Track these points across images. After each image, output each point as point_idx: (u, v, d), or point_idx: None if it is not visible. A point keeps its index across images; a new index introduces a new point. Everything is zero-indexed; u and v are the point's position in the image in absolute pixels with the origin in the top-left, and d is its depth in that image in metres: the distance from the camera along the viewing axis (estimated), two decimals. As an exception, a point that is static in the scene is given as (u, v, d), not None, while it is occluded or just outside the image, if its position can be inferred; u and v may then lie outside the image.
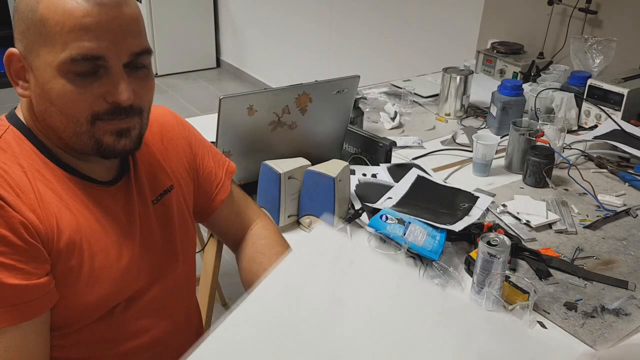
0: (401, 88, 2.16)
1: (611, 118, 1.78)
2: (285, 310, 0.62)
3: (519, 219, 1.37)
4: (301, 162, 1.30)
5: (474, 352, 0.60)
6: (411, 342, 0.60)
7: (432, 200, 1.38)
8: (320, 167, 1.27)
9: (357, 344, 0.60)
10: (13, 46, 0.83)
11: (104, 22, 0.77)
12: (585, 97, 1.87)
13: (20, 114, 0.87)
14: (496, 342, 0.61)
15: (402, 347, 0.60)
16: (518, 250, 1.22)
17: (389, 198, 1.37)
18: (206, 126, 1.34)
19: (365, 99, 2.03)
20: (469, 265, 1.18)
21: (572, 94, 1.87)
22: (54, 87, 0.79)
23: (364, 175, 1.47)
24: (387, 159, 1.52)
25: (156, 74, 4.72)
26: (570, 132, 1.84)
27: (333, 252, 0.66)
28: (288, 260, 0.65)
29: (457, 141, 1.79)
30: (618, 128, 1.73)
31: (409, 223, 1.22)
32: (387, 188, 1.41)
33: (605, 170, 1.62)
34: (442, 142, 1.79)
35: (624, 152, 1.63)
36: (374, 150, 1.52)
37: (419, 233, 1.21)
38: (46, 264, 0.80)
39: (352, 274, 0.64)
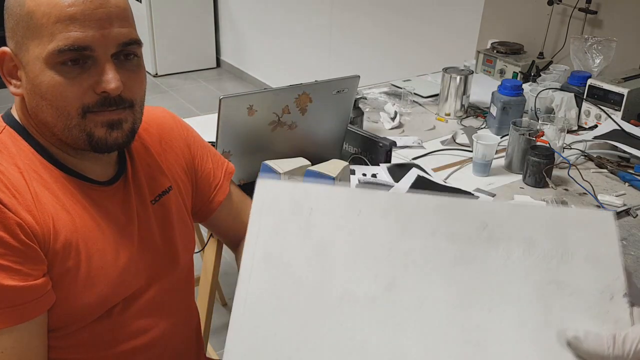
0: (401, 88, 2.16)
1: (611, 118, 1.78)
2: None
3: (519, 219, 1.36)
4: (301, 162, 1.30)
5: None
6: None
7: (432, 200, 1.38)
8: (320, 167, 1.27)
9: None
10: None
11: (90, 11, 0.77)
12: (585, 97, 1.87)
13: (15, 113, 0.87)
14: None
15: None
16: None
17: (389, 198, 1.37)
18: (206, 126, 1.34)
19: (365, 99, 2.03)
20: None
21: (572, 94, 1.87)
22: (44, 80, 0.79)
23: (364, 175, 1.47)
24: (387, 159, 1.52)
25: (156, 74, 4.73)
26: (570, 132, 1.84)
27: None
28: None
29: (457, 141, 1.79)
30: (618, 128, 1.73)
31: (409, 223, 1.22)
32: (387, 188, 1.41)
33: (605, 170, 1.62)
34: (442, 142, 1.79)
35: (624, 152, 1.63)
36: (374, 150, 1.52)
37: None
38: (43, 265, 0.80)
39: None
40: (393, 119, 1.89)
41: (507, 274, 0.59)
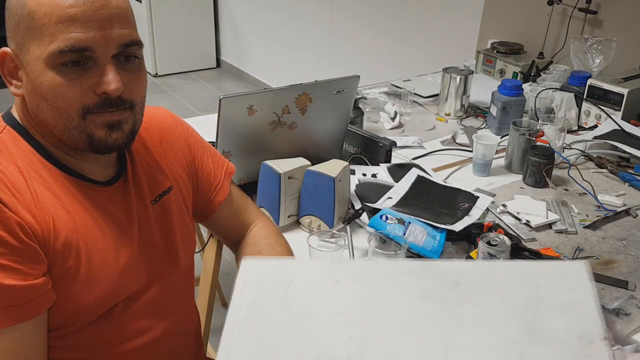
0: (401, 88, 2.16)
1: (611, 118, 1.78)
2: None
3: (519, 219, 1.37)
4: (301, 162, 1.30)
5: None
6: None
7: (432, 200, 1.38)
8: (320, 167, 1.27)
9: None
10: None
11: (91, 12, 0.77)
12: (585, 97, 1.87)
13: (15, 113, 0.87)
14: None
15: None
16: (518, 250, 1.22)
17: (389, 198, 1.37)
18: (206, 126, 1.34)
19: (365, 99, 2.03)
20: (469, 265, 1.18)
21: (572, 94, 1.87)
22: (44, 80, 0.79)
23: (364, 175, 1.47)
24: (387, 159, 1.52)
25: (156, 74, 4.73)
26: (570, 132, 1.84)
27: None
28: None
29: (457, 141, 1.79)
30: (618, 128, 1.73)
31: (409, 223, 1.22)
32: (387, 188, 1.41)
33: (605, 170, 1.62)
34: (442, 142, 1.79)
35: (624, 152, 1.63)
36: (374, 150, 1.52)
37: (419, 233, 1.21)
38: (43, 264, 0.80)
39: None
40: (393, 119, 1.89)
41: (480, 327, 0.60)
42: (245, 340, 0.60)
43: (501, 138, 1.74)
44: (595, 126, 1.83)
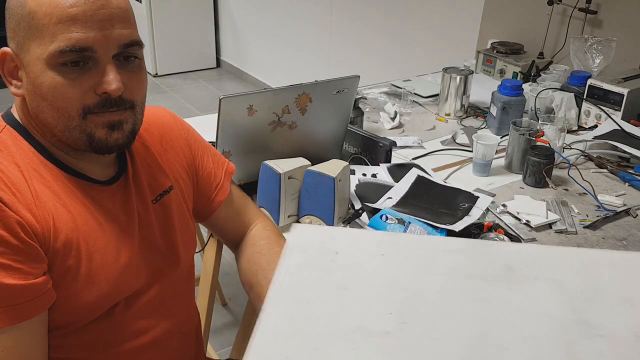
0: (401, 88, 2.16)
1: (611, 118, 1.78)
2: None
3: (519, 219, 1.37)
4: (301, 162, 1.30)
5: None
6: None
7: (432, 200, 1.38)
8: (320, 167, 1.27)
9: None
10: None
11: (91, 12, 0.78)
12: (585, 97, 1.87)
13: (15, 113, 0.87)
14: None
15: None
16: (518, 250, 1.22)
17: (389, 198, 1.37)
18: (206, 126, 1.34)
19: (365, 99, 2.03)
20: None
21: (572, 94, 1.87)
22: (44, 80, 0.79)
23: (364, 175, 1.47)
24: (387, 159, 1.52)
25: (156, 74, 4.73)
26: (570, 132, 1.84)
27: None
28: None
29: (457, 141, 1.79)
30: (618, 128, 1.73)
31: (409, 223, 1.22)
32: (387, 188, 1.41)
33: (605, 170, 1.62)
34: (442, 142, 1.79)
35: (624, 152, 1.63)
36: (374, 150, 1.52)
37: (419, 233, 1.21)
38: (43, 263, 0.80)
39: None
40: (393, 119, 1.89)
41: (529, 313, 0.58)
42: (286, 306, 0.61)
43: (501, 138, 1.74)
44: (595, 126, 1.83)
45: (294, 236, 0.66)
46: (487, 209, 1.39)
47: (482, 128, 1.90)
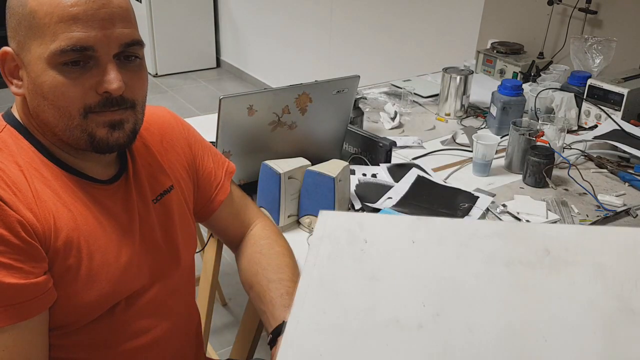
0: (401, 88, 2.16)
1: (611, 118, 1.78)
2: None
3: (519, 219, 1.37)
4: (301, 162, 1.30)
5: None
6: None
7: (432, 200, 1.38)
8: (320, 167, 1.27)
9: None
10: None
11: (92, 11, 0.78)
12: (585, 97, 1.87)
13: (15, 113, 0.87)
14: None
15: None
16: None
17: (389, 198, 1.37)
18: (206, 126, 1.34)
19: (365, 99, 2.03)
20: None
21: (572, 94, 1.87)
22: (45, 80, 0.79)
23: (364, 175, 1.47)
24: (387, 159, 1.52)
25: (156, 74, 4.73)
26: (570, 132, 1.84)
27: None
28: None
29: (457, 141, 1.79)
30: (618, 128, 1.73)
31: (409, 223, 1.22)
32: (387, 188, 1.41)
33: (605, 170, 1.62)
34: (442, 142, 1.79)
35: (624, 152, 1.63)
36: (374, 150, 1.52)
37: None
38: (44, 262, 0.80)
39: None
40: (393, 119, 1.89)
41: (570, 301, 0.55)
42: (318, 299, 0.59)
43: (501, 138, 1.74)
44: (595, 126, 1.83)
45: (321, 225, 0.65)
46: (487, 209, 1.39)
47: (482, 128, 1.90)
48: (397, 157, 1.64)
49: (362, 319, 0.58)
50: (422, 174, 1.49)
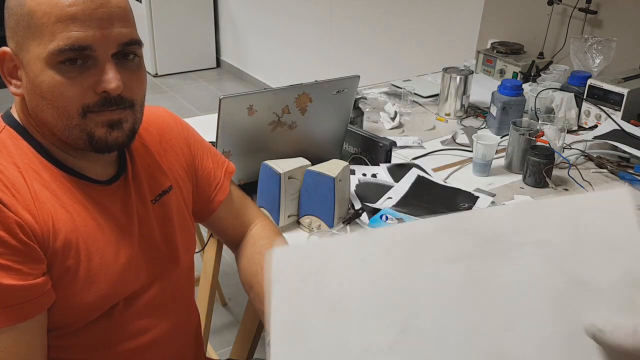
0: (401, 88, 2.16)
1: (611, 118, 1.78)
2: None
3: (519, 219, 1.36)
4: (301, 162, 1.30)
5: None
6: None
7: (432, 200, 1.38)
8: (320, 167, 1.27)
9: None
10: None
11: (90, 11, 0.78)
12: (585, 97, 1.87)
13: (15, 113, 0.87)
14: None
15: None
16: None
17: (389, 198, 1.37)
18: (206, 126, 1.34)
19: (365, 99, 2.03)
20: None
21: (572, 94, 1.87)
22: (44, 80, 0.79)
23: (364, 175, 1.47)
24: (387, 159, 1.52)
25: (156, 74, 4.73)
26: (570, 132, 1.84)
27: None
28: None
29: (457, 141, 1.79)
30: (618, 128, 1.73)
31: (409, 223, 1.22)
32: (387, 188, 1.41)
33: (605, 170, 1.62)
34: (442, 142, 1.79)
35: (624, 152, 1.63)
36: (374, 150, 1.52)
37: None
38: (42, 264, 0.80)
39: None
40: (393, 119, 1.89)
41: (519, 286, 0.55)
42: (287, 347, 0.58)
43: (501, 138, 1.74)
44: (595, 126, 1.83)
45: (273, 265, 0.62)
46: (487, 209, 1.39)
47: (482, 128, 1.89)
48: (397, 157, 1.64)
49: (335, 357, 0.56)
50: (422, 174, 1.48)
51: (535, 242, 0.56)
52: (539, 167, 1.51)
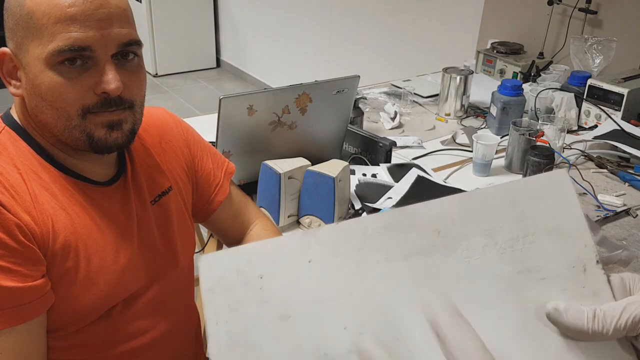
0: (401, 88, 2.16)
1: (611, 118, 1.78)
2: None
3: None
4: (301, 162, 1.30)
5: None
6: None
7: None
8: (320, 167, 1.27)
9: None
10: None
11: (90, 12, 0.77)
12: (585, 97, 1.87)
13: (14, 114, 0.87)
14: None
15: None
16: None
17: (389, 198, 1.37)
18: (206, 126, 1.34)
19: (365, 99, 2.03)
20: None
21: (572, 94, 1.87)
22: (44, 80, 0.79)
23: (364, 175, 1.47)
24: (387, 159, 1.52)
25: (156, 74, 4.73)
26: (570, 132, 1.84)
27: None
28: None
29: (457, 141, 1.79)
30: (618, 128, 1.73)
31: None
32: (387, 188, 1.41)
33: (605, 170, 1.62)
34: (442, 142, 1.79)
35: (624, 152, 1.63)
36: (374, 150, 1.52)
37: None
38: (42, 265, 0.80)
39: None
40: (393, 119, 1.89)
41: (471, 278, 0.54)
42: (234, 356, 0.53)
43: (501, 138, 1.74)
44: (595, 126, 1.83)
45: (206, 275, 0.57)
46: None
47: (482, 128, 1.89)
48: (397, 157, 1.64)
49: None
50: (422, 174, 1.48)
51: (482, 232, 0.56)
52: (539, 167, 1.50)
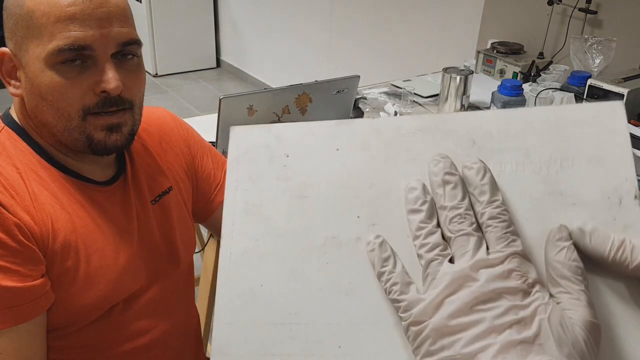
0: (401, 88, 2.16)
1: (611, 118, 1.78)
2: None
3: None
4: (301, 162, 1.30)
5: None
6: None
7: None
8: (320, 167, 1.27)
9: None
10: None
11: (90, 11, 0.77)
12: (585, 97, 1.87)
13: (14, 114, 0.87)
14: None
15: None
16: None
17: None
18: (206, 126, 1.34)
19: (365, 99, 2.03)
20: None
21: (572, 94, 1.87)
22: (44, 80, 0.79)
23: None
24: (387, 159, 1.51)
25: (156, 74, 4.73)
26: (570, 132, 1.84)
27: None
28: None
29: (457, 141, 1.79)
30: (618, 128, 1.73)
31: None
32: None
33: (605, 171, 1.61)
34: (442, 142, 1.78)
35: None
36: (373, 150, 1.52)
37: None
38: (41, 265, 0.80)
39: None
40: (393, 119, 1.89)
41: (501, 190, 0.53)
42: (247, 227, 0.55)
43: (501, 138, 1.74)
44: (596, 126, 1.83)
45: (235, 144, 0.59)
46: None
47: (482, 128, 1.89)
48: (397, 157, 1.63)
49: (297, 241, 0.54)
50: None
51: (519, 149, 0.55)
52: (539, 167, 1.50)
